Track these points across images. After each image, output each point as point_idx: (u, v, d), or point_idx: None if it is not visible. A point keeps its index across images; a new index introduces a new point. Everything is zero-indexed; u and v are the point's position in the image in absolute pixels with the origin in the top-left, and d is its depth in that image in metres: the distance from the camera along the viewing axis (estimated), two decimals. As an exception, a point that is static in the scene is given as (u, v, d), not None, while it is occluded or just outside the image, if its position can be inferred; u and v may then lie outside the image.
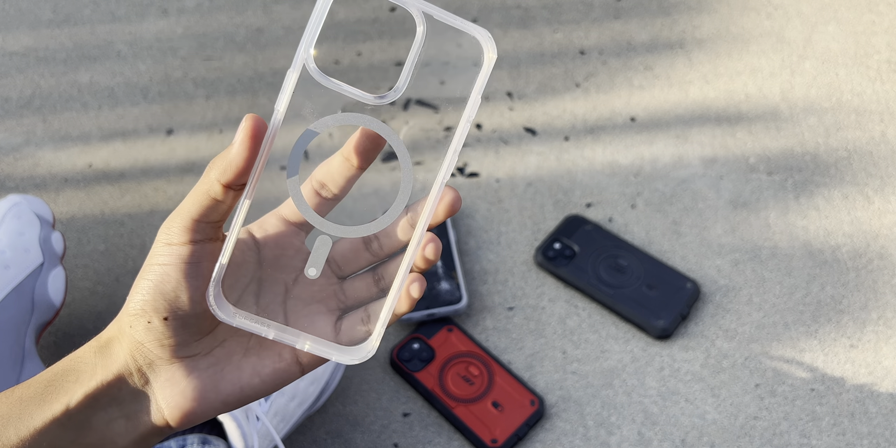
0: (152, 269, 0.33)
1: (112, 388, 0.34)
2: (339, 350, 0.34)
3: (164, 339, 0.33)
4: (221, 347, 0.35)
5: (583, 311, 0.73)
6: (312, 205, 0.36)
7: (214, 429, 0.57)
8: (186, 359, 0.34)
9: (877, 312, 0.72)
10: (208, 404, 0.35)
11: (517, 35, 0.90)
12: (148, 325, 0.33)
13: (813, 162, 0.81)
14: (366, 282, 0.37)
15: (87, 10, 0.93)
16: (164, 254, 0.32)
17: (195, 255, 0.32)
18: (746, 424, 0.67)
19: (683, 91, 0.86)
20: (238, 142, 0.31)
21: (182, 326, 0.33)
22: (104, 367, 0.34)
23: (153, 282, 0.32)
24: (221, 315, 0.32)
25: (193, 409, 0.34)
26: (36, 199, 0.68)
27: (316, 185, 0.36)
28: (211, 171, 0.32)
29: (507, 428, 0.65)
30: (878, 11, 0.91)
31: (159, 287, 0.32)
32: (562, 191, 0.79)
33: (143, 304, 0.32)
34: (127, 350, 0.34)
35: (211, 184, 0.32)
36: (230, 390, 0.35)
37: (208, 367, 0.35)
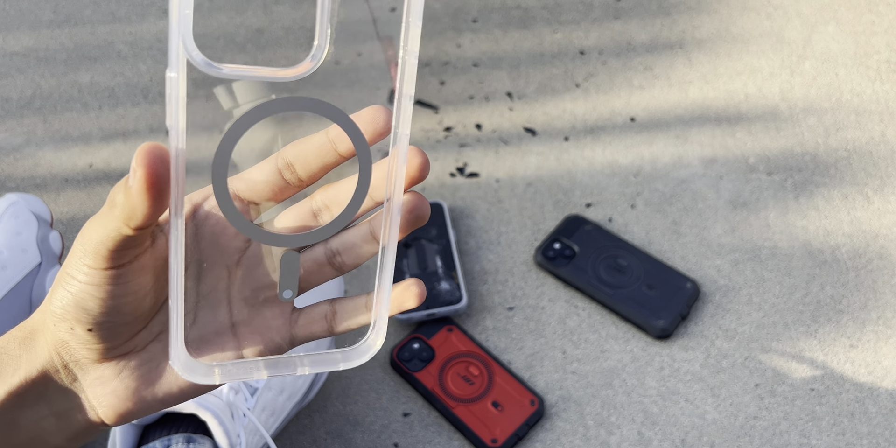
0: (71, 282, 0.28)
1: (38, 385, 0.31)
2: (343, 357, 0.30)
3: (90, 344, 0.30)
4: (157, 341, 0.32)
5: (583, 311, 0.73)
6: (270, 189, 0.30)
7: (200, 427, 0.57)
8: (117, 358, 0.31)
9: (876, 312, 0.72)
10: (145, 403, 0.32)
11: (517, 35, 0.90)
12: (71, 331, 0.29)
13: (813, 162, 0.81)
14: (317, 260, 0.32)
15: (88, 11, 0.93)
16: (84, 272, 0.28)
17: (122, 276, 0.28)
18: (746, 424, 0.67)
19: (683, 91, 0.86)
20: (136, 189, 0.25)
21: (109, 335, 0.30)
22: (28, 361, 0.31)
23: (73, 294, 0.28)
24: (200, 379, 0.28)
25: (129, 408, 0.32)
26: (34, 199, 0.68)
27: (281, 163, 0.31)
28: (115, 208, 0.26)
29: (507, 428, 0.66)
30: (878, 12, 0.91)
31: (79, 302, 0.28)
32: (562, 191, 0.79)
33: (64, 313, 0.29)
34: (51, 345, 0.31)
35: (117, 224, 0.27)
36: (167, 388, 0.31)
37: (142, 365, 0.31)
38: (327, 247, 0.32)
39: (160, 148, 0.26)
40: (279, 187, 0.31)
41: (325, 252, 0.32)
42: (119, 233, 0.27)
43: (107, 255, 0.28)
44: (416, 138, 0.83)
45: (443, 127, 0.84)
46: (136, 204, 0.26)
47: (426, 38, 0.90)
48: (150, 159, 0.26)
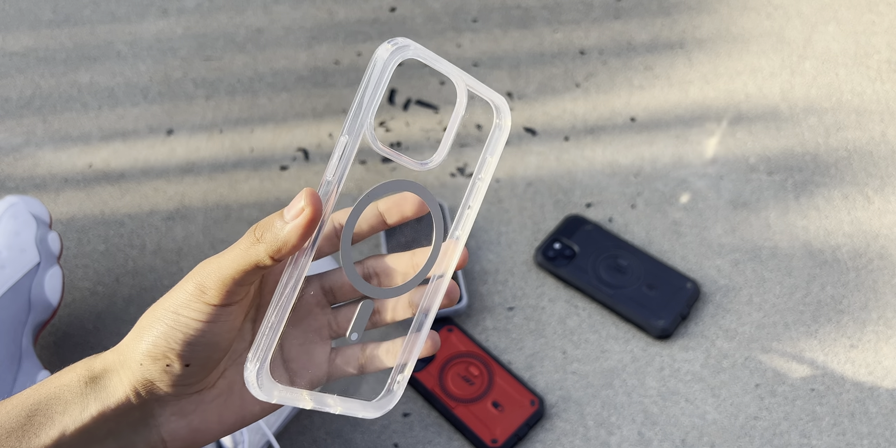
0: (178, 320, 0.32)
1: (109, 422, 0.33)
2: (364, 407, 0.34)
3: (179, 381, 0.33)
4: (223, 378, 0.35)
5: (583, 311, 0.73)
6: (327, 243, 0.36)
7: None
8: (195, 394, 0.34)
9: (877, 312, 0.72)
10: (211, 434, 0.35)
11: (517, 35, 0.90)
12: (166, 369, 0.32)
13: (813, 162, 0.81)
14: None
15: (87, 11, 0.93)
16: (195, 309, 0.31)
17: (230, 315, 0.32)
18: (747, 424, 0.67)
19: (683, 91, 0.86)
20: (295, 225, 0.30)
21: (201, 370, 0.33)
22: (99, 399, 0.33)
23: (182, 332, 0.32)
24: (263, 396, 0.32)
25: (196, 439, 0.35)
26: (33, 200, 0.68)
27: (336, 225, 0.36)
28: (260, 243, 0.31)
29: (508, 428, 0.65)
30: (878, 11, 0.91)
31: (188, 339, 0.32)
32: (562, 191, 0.79)
33: (166, 351, 0.32)
34: (129, 385, 0.33)
35: (260, 255, 0.31)
36: (233, 420, 0.35)
37: (213, 400, 0.35)
38: None
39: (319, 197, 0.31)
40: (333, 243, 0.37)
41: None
42: (256, 264, 0.31)
43: (230, 289, 0.31)
44: (415, 138, 0.83)
45: (443, 127, 0.84)
46: (290, 237, 0.30)
47: (426, 38, 0.90)
48: (317, 204, 0.30)
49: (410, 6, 0.93)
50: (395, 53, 0.31)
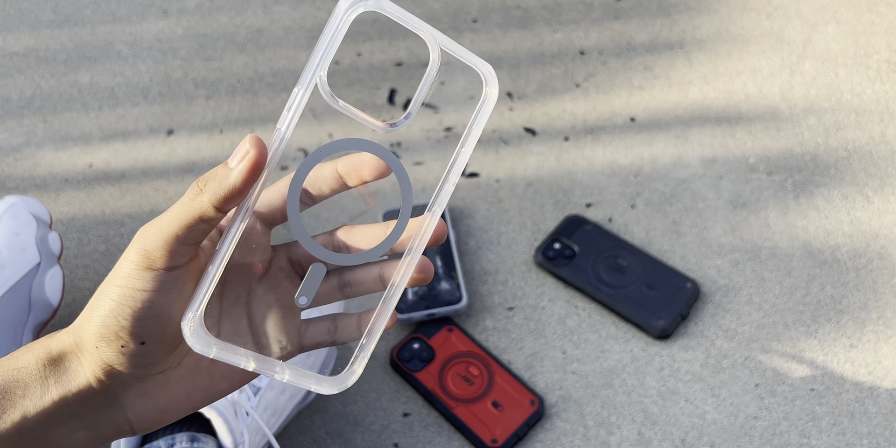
0: (125, 293, 0.30)
1: (72, 405, 0.32)
2: (318, 381, 0.33)
3: (138, 361, 0.32)
4: (190, 356, 0.34)
5: (583, 311, 0.73)
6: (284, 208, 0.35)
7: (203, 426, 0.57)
8: (159, 375, 0.33)
9: (876, 312, 0.72)
10: (179, 412, 0.34)
11: (517, 35, 0.90)
12: (121, 349, 0.31)
13: (813, 162, 0.81)
14: (330, 286, 0.36)
15: (88, 11, 0.93)
16: (141, 278, 0.30)
17: (178, 280, 0.31)
18: (746, 424, 0.67)
19: (683, 91, 0.86)
20: (239, 169, 0.29)
21: (158, 347, 0.32)
22: (60, 382, 0.32)
23: (130, 307, 0.30)
24: (198, 347, 0.31)
25: (163, 419, 0.34)
26: (33, 201, 0.68)
27: None
28: (203, 192, 0.30)
29: (507, 428, 0.66)
30: (878, 12, 0.91)
31: (136, 313, 0.30)
32: (562, 191, 0.79)
33: (117, 329, 0.30)
34: (89, 368, 0.32)
35: (204, 205, 0.30)
36: (201, 397, 0.34)
37: (180, 379, 0.34)
38: (342, 278, 0.36)
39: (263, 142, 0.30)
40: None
41: (338, 282, 0.36)
42: (200, 216, 0.30)
43: (174, 248, 0.30)
44: (415, 138, 0.83)
45: (443, 127, 0.84)
46: (235, 180, 0.29)
47: (426, 38, 0.90)
48: (260, 147, 0.29)
49: (410, 6, 0.93)
50: (356, 4, 0.30)
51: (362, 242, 0.35)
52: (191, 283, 0.32)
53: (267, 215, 0.35)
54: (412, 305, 0.70)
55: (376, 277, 0.36)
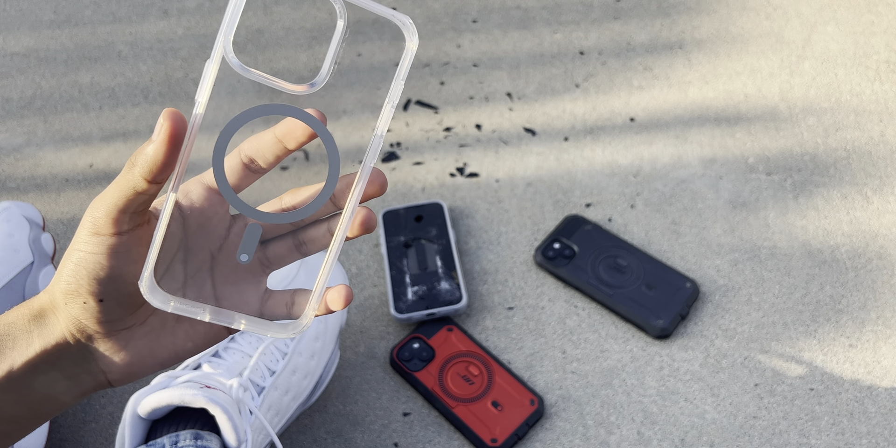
0: (81, 256, 0.33)
1: (51, 356, 0.36)
2: (273, 327, 0.36)
3: (100, 317, 0.35)
4: (155, 316, 0.37)
5: (582, 311, 0.73)
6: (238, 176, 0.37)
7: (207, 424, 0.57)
8: (123, 331, 0.36)
9: (875, 312, 0.72)
10: (146, 367, 0.38)
11: (517, 35, 0.91)
12: (84, 306, 0.34)
13: (812, 162, 0.81)
14: (286, 246, 0.38)
15: (88, 11, 0.93)
16: (91, 242, 0.33)
17: (124, 245, 0.34)
18: (745, 424, 0.67)
19: (683, 91, 0.86)
20: (158, 141, 0.32)
21: (117, 306, 0.35)
22: (41, 336, 0.36)
23: (85, 268, 0.33)
24: (156, 303, 0.33)
25: (132, 372, 0.37)
26: (25, 205, 0.71)
27: (244, 158, 0.37)
28: (134, 166, 0.32)
29: (507, 427, 0.66)
30: (877, 12, 0.91)
31: (91, 273, 0.33)
32: (561, 191, 0.80)
33: (77, 287, 0.34)
34: (63, 323, 0.35)
35: (135, 179, 0.32)
36: (166, 354, 0.38)
37: (144, 336, 0.37)
38: (296, 237, 0.38)
39: (180, 114, 0.32)
40: (243, 176, 0.37)
41: (293, 241, 0.38)
42: (134, 189, 0.32)
43: (115, 216, 0.33)
44: (415, 138, 0.83)
45: (443, 127, 0.84)
46: (155, 153, 0.31)
47: (426, 39, 0.90)
48: (174, 118, 0.31)
49: (410, 6, 0.93)
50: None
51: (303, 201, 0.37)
52: (139, 246, 0.34)
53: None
54: (412, 305, 0.70)
55: (326, 232, 0.38)
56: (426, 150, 0.82)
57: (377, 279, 0.74)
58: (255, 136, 0.37)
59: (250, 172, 0.37)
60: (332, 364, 0.67)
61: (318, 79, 0.34)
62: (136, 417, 0.56)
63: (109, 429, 0.67)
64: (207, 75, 0.32)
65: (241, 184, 0.37)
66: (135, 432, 0.56)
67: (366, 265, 0.75)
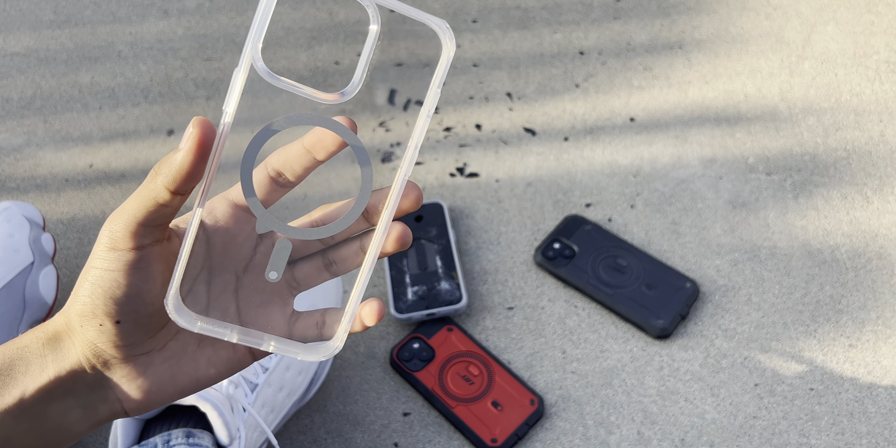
0: (97, 274, 0.32)
1: (66, 382, 0.34)
2: (304, 349, 0.34)
3: (117, 340, 0.33)
4: (175, 340, 0.35)
5: (582, 311, 0.73)
6: (266, 190, 0.35)
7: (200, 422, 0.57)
8: (142, 356, 0.34)
9: (875, 312, 0.72)
10: (166, 395, 0.35)
11: (517, 36, 0.91)
12: (100, 328, 0.32)
13: (812, 162, 0.81)
14: (315, 266, 0.36)
15: (88, 11, 0.93)
16: (108, 259, 0.31)
17: (143, 261, 0.32)
18: (745, 424, 0.67)
19: (682, 91, 0.86)
20: (185, 149, 0.30)
21: (136, 328, 0.33)
22: (56, 361, 0.34)
23: (101, 287, 0.32)
24: (182, 323, 0.32)
25: (151, 400, 0.35)
26: (26, 205, 0.71)
27: (272, 172, 0.35)
28: (157, 176, 0.31)
29: (507, 427, 0.66)
30: (877, 12, 0.91)
31: (107, 292, 0.32)
32: (561, 191, 0.80)
33: (93, 308, 0.32)
34: (79, 347, 0.34)
35: (158, 189, 0.31)
36: (186, 382, 0.35)
37: (164, 362, 0.35)
38: (325, 257, 0.36)
39: (210, 122, 0.31)
40: (271, 190, 0.35)
41: (322, 261, 0.36)
42: (156, 200, 0.31)
43: (135, 230, 0.31)
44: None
45: (443, 127, 0.84)
46: (182, 162, 0.30)
47: (426, 39, 0.90)
48: (203, 127, 0.30)
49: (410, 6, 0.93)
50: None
51: (335, 217, 0.35)
52: (159, 264, 0.33)
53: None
54: (412, 305, 0.70)
55: (357, 250, 0.36)
56: (426, 150, 0.82)
57: (377, 279, 0.74)
58: (282, 148, 0.35)
59: (278, 186, 0.35)
60: (326, 361, 0.67)
61: (349, 87, 0.33)
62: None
63: (106, 429, 0.67)
64: (236, 84, 0.31)
65: (268, 199, 0.35)
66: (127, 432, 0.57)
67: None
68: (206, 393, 0.56)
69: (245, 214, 0.35)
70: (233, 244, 0.35)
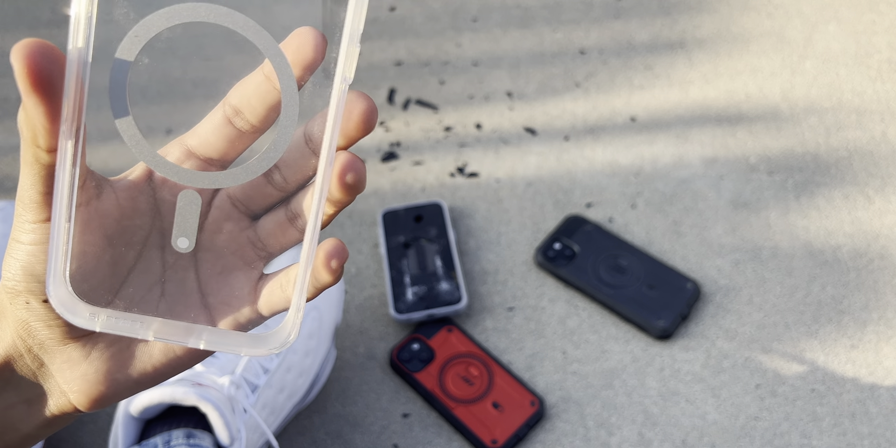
0: (18, 248, 0.27)
1: (3, 372, 0.29)
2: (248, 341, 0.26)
3: (49, 320, 0.28)
4: None
5: (583, 312, 0.73)
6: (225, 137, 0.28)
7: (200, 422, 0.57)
8: (82, 338, 0.29)
9: (878, 312, 0.72)
10: (119, 386, 0.30)
11: (517, 35, 0.90)
12: (27, 306, 0.28)
13: (814, 162, 0.81)
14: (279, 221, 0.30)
15: (87, 10, 0.93)
16: (27, 231, 0.26)
17: None
18: (747, 425, 0.67)
19: (684, 91, 0.86)
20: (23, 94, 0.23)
21: None
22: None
23: (20, 261, 0.27)
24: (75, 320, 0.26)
25: (102, 393, 0.29)
26: None
27: (229, 111, 0.28)
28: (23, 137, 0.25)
29: (508, 428, 0.65)
30: (879, 11, 0.91)
31: (28, 268, 0.27)
32: (562, 191, 0.79)
33: (15, 284, 0.27)
34: (12, 328, 0.29)
35: (34, 151, 0.25)
36: (141, 368, 0.29)
37: (110, 345, 0.29)
38: (288, 209, 0.29)
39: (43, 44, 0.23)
40: (231, 136, 0.28)
41: (286, 214, 0.30)
42: (38, 162, 0.25)
43: (41, 200, 0.26)
44: (415, 138, 0.83)
45: (443, 127, 0.84)
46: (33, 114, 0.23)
47: (426, 38, 0.90)
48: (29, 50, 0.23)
49: (410, 6, 0.93)
50: None
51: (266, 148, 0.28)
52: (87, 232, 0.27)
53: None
54: (412, 306, 0.70)
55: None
56: (426, 150, 0.82)
57: (376, 279, 0.74)
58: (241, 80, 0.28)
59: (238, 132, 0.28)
60: (327, 363, 0.67)
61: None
62: (128, 417, 0.56)
63: (108, 430, 0.67)
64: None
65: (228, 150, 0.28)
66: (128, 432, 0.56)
67: (365, 266, 0.75)
68: (208, 393, 0.55)
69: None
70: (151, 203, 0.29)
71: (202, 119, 0.29)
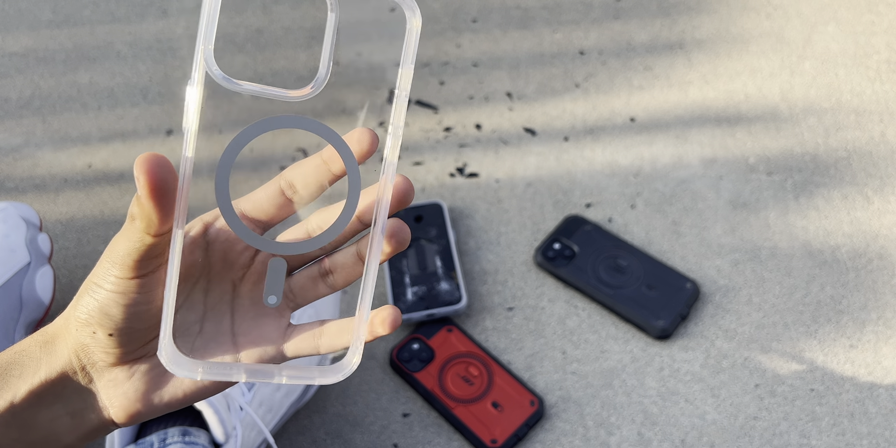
0: (98, 291, 0.31)
1: (56, 386, 0.34)
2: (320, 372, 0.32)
3: (108, 348, 0.33)
4: None
5: (582, 312, 0.73)
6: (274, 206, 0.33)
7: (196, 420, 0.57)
8: (130, 362, 0.34)
9: (876, 312, 0.72)
10: (152, 405, 0.34)
11: (517, 35, 0.90)
12: (93, 335, 0.32)
13: (812, 162, 0.81)
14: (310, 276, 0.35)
15: (87, 11, 0.93)
16: (111, 282, 0.31)
17: (146, 286, 0.31)
18: (746, 425, 0.67)
19: (683, 91, 0.86)
20: (142, 196, 0.28)
21: (127, 340, 0.33)
22: (48, 363, 0.34)
23: (99, 302, 0.31)
24: (183, 373, 0.30)
25: (137, 409, 0.34)
26: (22, 205, 0.70)
27: (284, 184, 0.34)
28: (133, 220, 0.30)
29: (507, 428, 0.65)
30: (878, 12, 0.91)
31: (104, 309, 0.31)
32: (561, 191, 0.79)
33: (88, 318, 0.32)
34: (72, 348, 0.33)
35: (140, 234, 0.30)
36: (173, 392, 0.34)
37: (150, 370, 0.34)
38: (321, 266, 0.35)
39: (158, 156, 0.28)
40: (281, 204, 0.34)
41: (319, 271, 0.35)
42: (142, 242, 0.30)
43: (132, 266, 0.30)
44: (415, 138, 0.83)
45: (443, 127, 0.84)
46: (147, 211, 0.29)
47: (426, 38, 0.90)
48: (150, 166, 0.28)
49: (410, 6, 0.93)
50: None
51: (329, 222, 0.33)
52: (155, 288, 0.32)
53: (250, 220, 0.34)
54: (412, 306, 0.70)
55: (355, 257, 0.34)
56: (426, 150, 0.82)
57: (377, 279, 0.74)
58: (299, 161, 0.34)
59: (288, 201, 0.34)
60: (324, 361, 0.67)
61: (316, 81, 0.31)
62: None
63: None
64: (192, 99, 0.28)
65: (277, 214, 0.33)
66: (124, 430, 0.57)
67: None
68: None
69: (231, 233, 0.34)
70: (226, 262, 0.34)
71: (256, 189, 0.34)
